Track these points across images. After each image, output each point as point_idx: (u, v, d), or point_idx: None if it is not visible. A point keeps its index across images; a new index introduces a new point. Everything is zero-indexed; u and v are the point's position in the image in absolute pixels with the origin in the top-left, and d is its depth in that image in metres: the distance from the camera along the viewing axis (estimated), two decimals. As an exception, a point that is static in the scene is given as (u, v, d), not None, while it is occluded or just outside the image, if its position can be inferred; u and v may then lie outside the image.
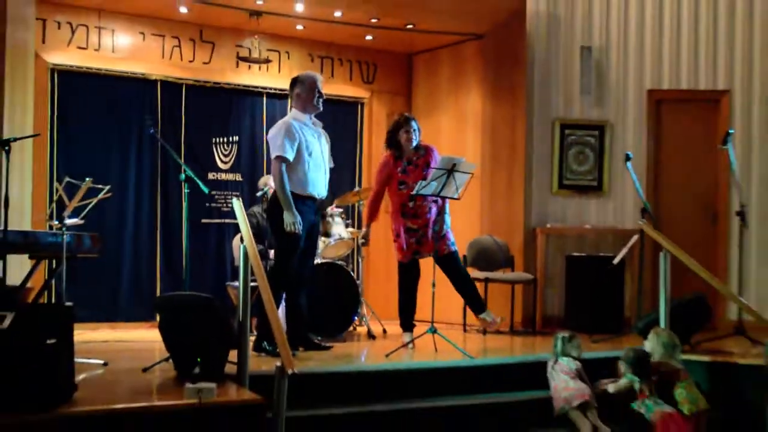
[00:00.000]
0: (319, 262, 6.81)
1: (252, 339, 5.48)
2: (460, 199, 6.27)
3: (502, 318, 6.82)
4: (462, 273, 6.71)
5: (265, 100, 8.63)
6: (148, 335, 7.02)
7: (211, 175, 8.29)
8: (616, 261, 7.15)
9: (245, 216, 4.94)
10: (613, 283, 7.78)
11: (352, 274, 7.27)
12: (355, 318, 7.29)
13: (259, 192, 7.37)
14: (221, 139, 8.39)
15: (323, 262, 7.05)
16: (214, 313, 4.81)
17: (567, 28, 8.49)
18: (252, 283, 4.78)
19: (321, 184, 6.04)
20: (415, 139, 6.53)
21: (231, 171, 8.44)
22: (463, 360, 5.78)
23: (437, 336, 6.13)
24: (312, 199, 5.98)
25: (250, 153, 8.55)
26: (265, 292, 4.55)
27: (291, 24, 8.24)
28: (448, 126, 8.91)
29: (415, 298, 6.63)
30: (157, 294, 7.92)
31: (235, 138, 8.46)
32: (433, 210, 6.49)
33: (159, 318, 5.33)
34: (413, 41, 8.94)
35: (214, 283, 7.98)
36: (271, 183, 6.78)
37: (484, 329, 7.44)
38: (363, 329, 7.44)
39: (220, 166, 8.39)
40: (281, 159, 5.80)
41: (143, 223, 8.03)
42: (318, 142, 6.04)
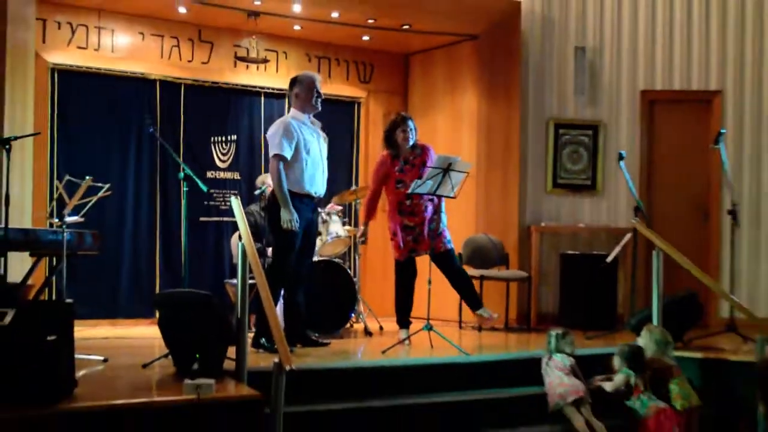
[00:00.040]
0: (316, 259, 6.80)
1: (250, 335, 5.46)
2: (455, 197, 6.28)
3: (498, 314, 6.87)
4: (458, 270, 6.74)
5: (263, 99, 8.61)
6: (147, 332, 7.01)
7: (209, 174, 8.27)
8: (609, 259, 7.18)
9: (243, 214, 4.96)
10: (606, 280, 7.80)
11: (349, 271, 7.28)
12: (352, 315, 7.29)
13: (257, 190, 7.36)
14: (219, 138, 8.38)
15: (320, 259, 7.05)
16: (213, 310, 4.82)
17: (561, 29, 8.50)
18: (250, 281, 4.79)
19: (319, 182, 6.05)
20: (411, 138, 6.54)
21: (229, 170, 8.43)
22: (459, 356, 5.79)
23: (433, 333, 6.15)
24: (309, 197, 6.00)
25: (248, 152, 8.53)
26: (263, 289, 4.57)
27: (288, 24, 8.23)
28: (443, 125, 8.89)
29: (412, 296, 6.64)
30: (157, 291, 7.88)
31: (234, 137, 8.44)
32: (429, 208, 6.50)
33: (158, 315, 5.34)
34: (409, 42, 8.94)
35: (212, 280, 7.96)
36: (268, 181, 6.79)
37: (479, 326, 7.47)
38: (360, 326, 7.44)
39: (219, 164, 8.39)
40: (279, 157, 5.82)
41: (143, 221, 8.01)
42: (316, 141, 6.06)
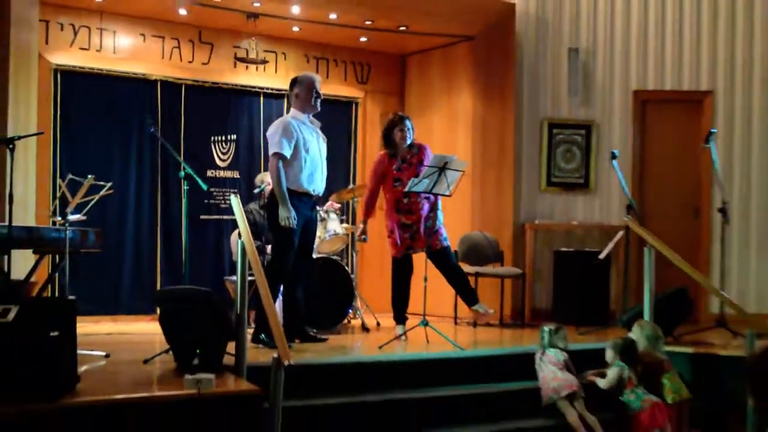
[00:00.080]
0: (314, 256, 6.76)
1: (250, 331, 5.52)
2: (451, 195, 6.31)
3: (494, 310, 6.89)
4: (454, 267, 6.75)
5: (262, 99, 8.63)
6: (148, 328, 7.04)
7: (209, 173, 8.29)
8: (602, 256, 7.22)
9: (243, 212, 4.98)
10: (599, 277, 7.85)
11: (347, 268, 7.30)
12: (350, 311, 7.31)
13: (256, 189, 7.36)
14: (219, 137, 8.40)
15: (319, 256, 7.05)
16: (213, 306, 4.84)
17: (555, 31, 8.53)
18: (250, 278, 4.81)
19: (317, 181, 6.08)
20: (409, 137, 6.57)
21: (229, 168, 8.44)
22: (454, 351, 5.84)
23: (429, 328, 6.17)
24: (308, 196, 6.02)
25: (247, 151, 8.54)
26: (262, 286, 4.60)
27: (287, 26, 8.24)
28: (440, 125, 8.91)
29: (408, 292, 6.66)
30: (158, 288, 7.91)
31: (233, 136, 8.46)
32: (426, 206, 6.53)
33: (159, 311, 5.34)
34: (406, 43, 8.95)
35: (212, 277, 7.98)
36: (267, 180, 6.77)
37: (474, 322, 7.50)
38: (357, 322, 7.48)
39: (219, 163, 8.40)
40: (279, 156, 5.84)
41: (144, 219, 8.03)
42: (316, 141, 6.08)
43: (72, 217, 5.49)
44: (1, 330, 3.83)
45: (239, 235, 4.87)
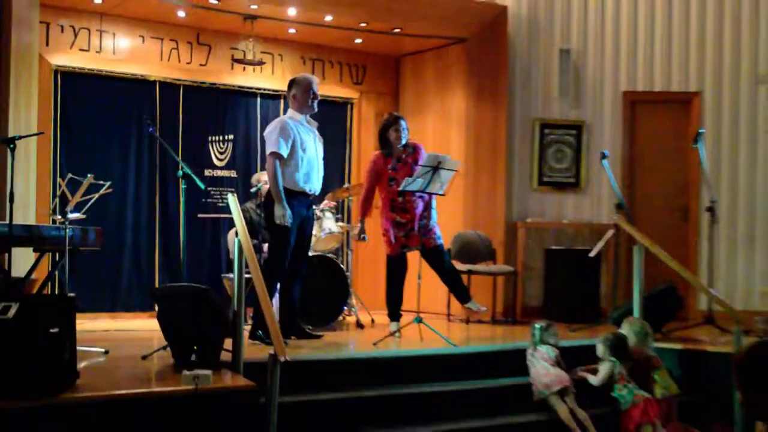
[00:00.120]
0: (310, 254, 6.76)
1: (247, 328, 5.56)
2: (445, 194, 6.34)
3: (487, 307, 6.95)
4: (447, 265, 6.79)
5: (259, 100, 8.65)
6: (147, 324, 7.01)
7: (207, 172, 8.31)
8: (592, 254, 7.23)
9: (240, 211, 5.02)
10: (589, 275, 7.88)
11: (342, 266, 7.33)
12: (345, 308, 7.34)
13: (253, 188, 7.37)
14: (217, 137, 8.42)
15: (314, 254, 7.08)
16: (210, 303, 4.88)
17: (546, 32, 8.57)
18: (247, 275, 4.85)
19: (314, 180, 6.11)
20: (403, 137, 6.59)
21: (226, 168, 8.47)
22: (447, 348, 5.87)
23: (423, 325, 6.20)
24: (305, 195, 6.06)
25: (244, 151, 8.55)
26: (258, 284, 4.64)
27: (284, 28, 8.26)
28: (433, 125, 8.91)
29: (402, 290, 6.66)
30: (156, 285, 7.91)
31: (230, 136, 8.48)
32: (420, 205, 6.54)
33: (157, 308, 5.37)
34: (400, 44, 8.97)
35: (210, 274, 8.00)
36: (263, 179, 6.83)
37: (467, 318, 7.54)
38: (352, 319, 7.49)
39: (216, 163, 8.42)
40: (275, 155, 5.88)
41: (142, 217, 8.04)
42: (312, 141, 6.12)
43: (72, 216, 5.51)
44: (1, 327, 3.85)
45: (236, 233, 4.89)
